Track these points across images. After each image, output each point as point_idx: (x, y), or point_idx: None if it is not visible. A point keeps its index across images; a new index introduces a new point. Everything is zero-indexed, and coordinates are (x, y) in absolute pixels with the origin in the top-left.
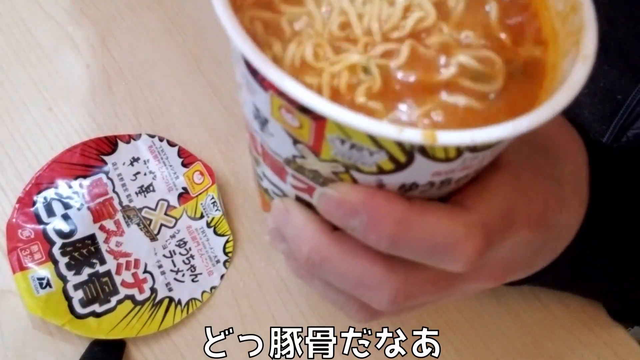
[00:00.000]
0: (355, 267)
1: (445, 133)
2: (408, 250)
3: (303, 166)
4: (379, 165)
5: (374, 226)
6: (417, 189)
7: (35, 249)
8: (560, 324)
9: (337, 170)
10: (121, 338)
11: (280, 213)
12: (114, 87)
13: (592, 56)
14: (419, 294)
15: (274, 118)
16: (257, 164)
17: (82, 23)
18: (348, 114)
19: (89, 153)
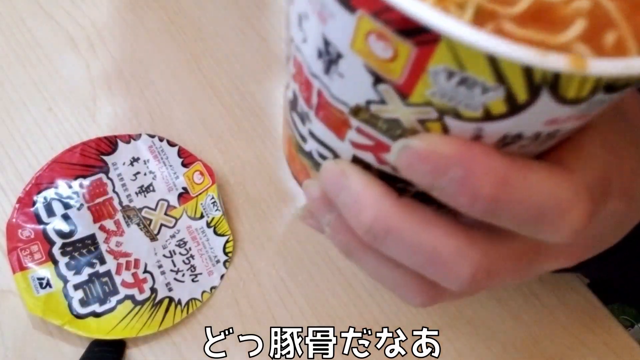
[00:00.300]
0: (428, 239)
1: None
2: (507, 216)
3: (378, 115)
4: (488, 108)
5: (470, 185)
6: (518, 142)
7: (35, 249)
8: (560, 324)
9: (426, 118)
10: (121, 338)
11: (333, 176)
12: (114, 87)
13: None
14: (499, 272)
15: (354, 50)
16: (302, 121)
17: (82, 23)
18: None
19: (89, 153)
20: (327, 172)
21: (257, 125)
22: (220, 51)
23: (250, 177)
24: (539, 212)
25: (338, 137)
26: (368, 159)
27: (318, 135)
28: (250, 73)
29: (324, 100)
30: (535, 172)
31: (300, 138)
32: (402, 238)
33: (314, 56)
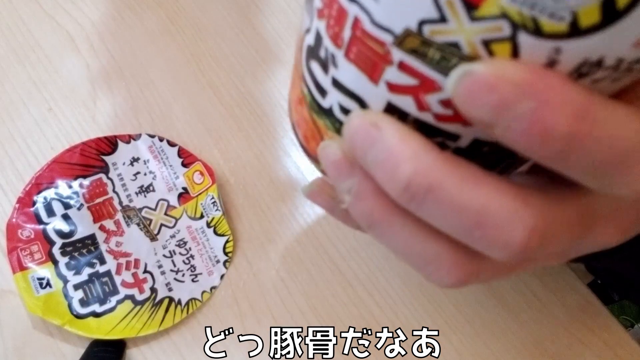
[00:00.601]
0: (477, 197)
1: None
2: (583, 158)
3: (431, 40)
4: (576, 18)
5: (544, 119)
6: (593, 74)
7: (35, 249)
8: (560, 324)
9: (495, 37)
10: (121, 338)
11: (362, 130)
12: (114, 87)
13: None
14: (554, 239)
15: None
16: (323, 70)
17: (82, 23)
18: None
19: (88, 153)
20: (355, 125)
21: (257, 125)
22: (220, 51)
23: (250, 177)
24: (619, 155)
25: (371, 81)
26: (406, 106)
27: (344, 83)
28: (250, 73)
29: (361, 32)
30: (617, 109)
31: (318, 92)
32: (445, 196)
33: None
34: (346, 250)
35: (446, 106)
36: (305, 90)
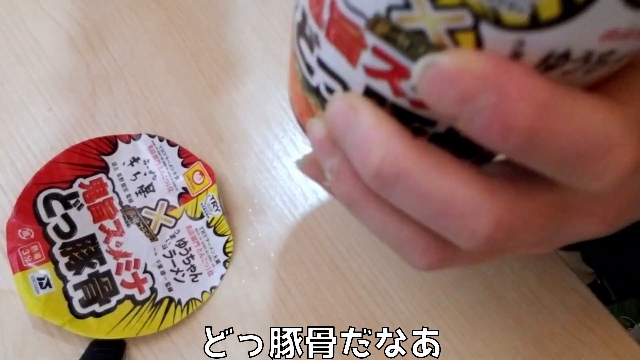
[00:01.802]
0: (443, 186)
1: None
2: (545, 152)
3: (399, 26)
4: (536, 10)
5: (505, 113)
6: (562, 66)
7: (35, 249)
8: (560, 324)
9: (458, 26)
10: (121, 338)
11: (341, 112)
12: (114, 87)
13: None
14: (521, 231)
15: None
16: (310, 48)
17: (82, 23)
18: None
19: (88, 153)
20: (335, 107)
21: (257, 125)
22: (220, 51)
23: (250, 177)
24: (583, 149)
25: (350, 63)
26: (383, 91)
27: (327, 63)
28: (250, 73)
29: (337, 13)
30: (582, 101)
31: (307, 70)
32: (413, 183)
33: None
34: (346, 250)
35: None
36: (297, 67)
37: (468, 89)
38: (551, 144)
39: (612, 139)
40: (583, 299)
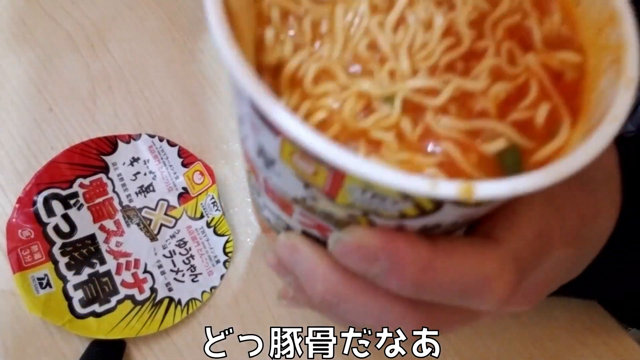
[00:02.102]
0: (375, 306)
1: (483, 186)
2: (434, 295)
3: (314, 207)
4: (402, 212)
5: (396, 273)
6: (440, 228)
7: (35, 248)
8: (560, 324)
9: (354, 214)
10: (121, 338)
11: (287, 251)
12: (114, 87)
13: (636, 79)
14: (446, 324)
15: (283, 161)
16: (257, 194)
17: (82, 23)
18: (376, 170)
19: (88, 153)
20: (281, 246)
21: None
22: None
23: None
24: (463, 289)
25: (287, 215)
26: (316, 234)
27: (271, 209)
28: None
29: (268, 187)
30: (460, 253)
31: (258, 205)
32: (351, 306)
33: (254, 153)
34: None
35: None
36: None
37: (365, 258)
38: (437, 289)
39: (487, 277)
40: (583, 299)
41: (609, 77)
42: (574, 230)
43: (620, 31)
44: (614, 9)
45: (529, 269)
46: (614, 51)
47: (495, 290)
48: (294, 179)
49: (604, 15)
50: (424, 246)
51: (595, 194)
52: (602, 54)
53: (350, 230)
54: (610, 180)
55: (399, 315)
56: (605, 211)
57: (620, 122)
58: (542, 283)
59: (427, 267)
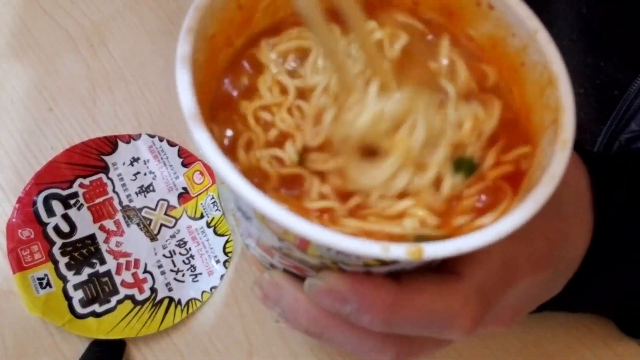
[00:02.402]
0: (354, 336)
1: (430, 247)
2: (403, 330)
3: (290, 255)
4: (366, 263)
5: (365, 312)
6: (406, 270)
7: (35, 248)
8: (560, 324)
9: (325, 262)
10: (121, 338)
11: (271, 288)
12: (114, 87)
13: (571, 140)
14: (421, 351)
15: (258, 219)
16: (243, 235)
17: (82, 23)
18: (334, 238)
19: (88, 153)
20: (265, 283)
21: None
22: None
23: None
24: (429, 323)
25: (269, 256)
26: (295, 272)
27: (255, 249)
28: None
29: (250, 233)
30: (424, 291)
31: (245, 244)
32: (333, 336)
33: (235, 208)
34: None
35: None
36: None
37: (337, 300)
38: (404, 325)
39: (451, 312)
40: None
41: (549, 135)
42: (543, 255)
43: (558, 94)
44: (552, 73)
45: (495, 297)
46: (553, 112)
47: (460, 323)
48: (269, 233)
49: (544, 77)
50: (389, 287)
51: (563, 216)
52: (544, 112)
53: (323, 275)
54: (579, 200)
55: (375, 346)
56: (575, 231)
57: (557, 181)
58: (516, 305)
59: (393, 306)
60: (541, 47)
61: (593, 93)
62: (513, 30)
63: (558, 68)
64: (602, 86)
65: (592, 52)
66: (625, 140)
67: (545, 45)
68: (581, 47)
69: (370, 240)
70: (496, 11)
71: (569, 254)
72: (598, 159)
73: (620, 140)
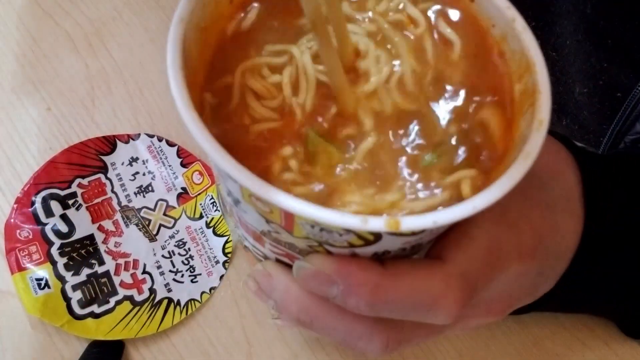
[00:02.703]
0: (343, 323)
1: (408, 219)
2: (388, 312)
3: (279, 239)
4: (350, 242)
5: (350, 294)
6: (390, 254)
7: (34, 249)
8: (560, 324)
9: (312, 244)
10: (120, 339)
11: (263, 278)
12: (113, 87)
13: (547, 120)
14: (411, 338)
15: (245, 201)
16: (236, 226)
17: (81, 23)
18: (313, 210)
19: (87, 153)
20: (258, 274)
21: None
22: None
23: None
24: (413, 306)
25: (261, 245)
26: (287, 262)
27: (248, 239)
28: None
29: (241, 221)
30: (408, 273)
31: (240, 236)
32: (324, 324)
33: (225, 193)
34: None
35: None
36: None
37: (324, 282)
38: (389, 307)
39: (434, 295)
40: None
41: (527, 118)
42: (531, 244)
43: (535, 78)
44: (530, 59)
45: (481, 283)
46: (530, 96)
47: (444, 306)
48: (257, 215)
49: (523, 64)
50: (374, 269)
51: (552, 208)
52: (523, 97)
53: (310, 258)
54: (569, 193)
55: (365, 332)
56: (566, 224)
57: (532, 160)
58: (505, 294)
59: (377, 288)
60: (518, 35)
61: (596, 93)
62: (493, 21)
63: (534, 54)
64: (605, 87)
65: (595, 53)
66: (631, 141)
67: (522, 32)
68: (585, 47)
69: (349, 213)
70: (477, 4)
71: (560, 247)
72: (589, 156)
73: (625, 141)
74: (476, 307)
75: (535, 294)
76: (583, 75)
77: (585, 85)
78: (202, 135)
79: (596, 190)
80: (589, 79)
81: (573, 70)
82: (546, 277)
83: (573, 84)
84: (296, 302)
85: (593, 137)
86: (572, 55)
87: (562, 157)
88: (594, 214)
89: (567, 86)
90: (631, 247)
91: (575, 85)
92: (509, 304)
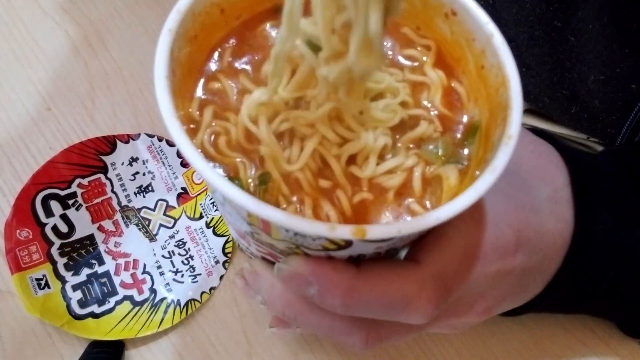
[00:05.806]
0: (324, 319)
1: (373, 229)
2: (362, 312)
3: (260, 240)
4: (324, 246)
5: (325, 294)
6: (366, 257)
7: (34, 249)
8: (560, 324)
9: (290, 247)
10: (120, 339)
11: (251, 276)
12: (113, 87)
13: (516, 135)
14: (391, 335)
15: (227, 203)
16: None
17: (81, 23)
18: (283, 217)
19: (87, 153)
20: (246, 272)
21: None
22: None
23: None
24: (387, 306)
25: (247, 243)
26: (271, 260)
27: (238, 239)
28: None
29: (228, 221)
30: (381, 275)
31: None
32: (306, 320)
33: (212, 193)
34: None
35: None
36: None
37: (301, 283)
38: (363, 307)
39: (407, 296)
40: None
41: (499, 131)
42: (510, 243)
43: (508, 94)
44: (505, 74)
45: (455, 283)
46: (504, 109)
47: (417, 307)
48: (238, 217)
49: (499, 78)
50: (348, 271)
51: (537, 212)
52: (497, 110)
53: (289, 259)
54: (556, 196)
55: (344, 329)
56: (553, 229)
57: (498, 173)
58: (488, 296)
59: (351, 289)
60: (496, 50)
61: (612, 82)
62: (474, 35)
63: (510, 70)
64: (622, 76)
65: (619, 38)
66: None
67: (499, 47)
68: (609, 31)
69: (317, 221)
70: (459, 17)
71: (547, 248)
72: (579, 157)
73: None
74: (458, 306)
75: (523, 294)
76: (602, 62)
77: (602, 73)
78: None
79: (585, 192)
80: (607, 65)
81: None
82: (533, 278)
83: (588, 71)
84: (280, 298)
85: (601, 128)
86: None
87: (551, 160)
88: (582, 217)
89: (582, 74)
90: (621, 248)
91: (590, 72)
92: (494, 303)
